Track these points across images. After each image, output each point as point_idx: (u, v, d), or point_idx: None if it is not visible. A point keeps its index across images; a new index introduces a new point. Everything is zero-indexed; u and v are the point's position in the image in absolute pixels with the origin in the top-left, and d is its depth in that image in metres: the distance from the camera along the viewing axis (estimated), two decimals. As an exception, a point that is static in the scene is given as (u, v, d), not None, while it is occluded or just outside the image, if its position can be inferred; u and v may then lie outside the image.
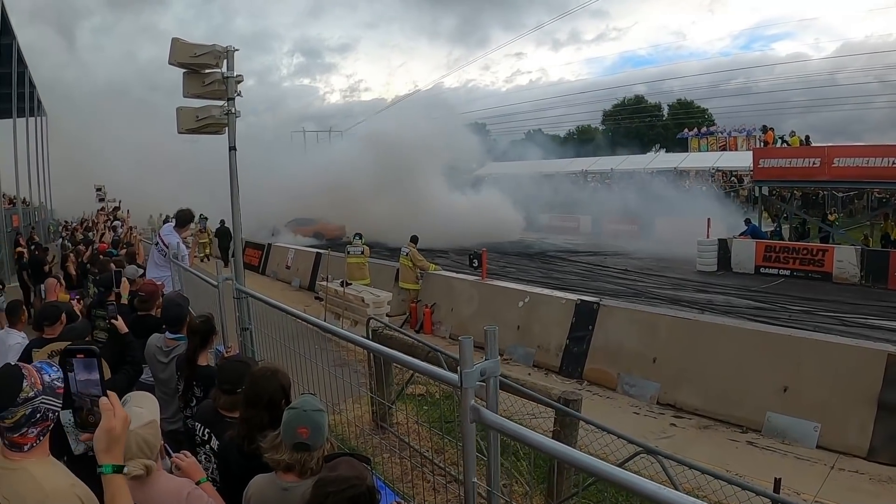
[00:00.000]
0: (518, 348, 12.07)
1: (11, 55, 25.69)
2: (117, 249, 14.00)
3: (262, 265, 26.00)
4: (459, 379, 2.33)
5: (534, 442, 2.06)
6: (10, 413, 2.10)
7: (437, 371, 2.81)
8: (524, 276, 21.34)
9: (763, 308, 15.93)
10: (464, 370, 2.32)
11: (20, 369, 2.19)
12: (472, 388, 2.31)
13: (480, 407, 2.33)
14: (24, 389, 2.13)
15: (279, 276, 23.96)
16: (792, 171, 23.56)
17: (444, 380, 2.61)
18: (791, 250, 21.56)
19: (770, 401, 8.36)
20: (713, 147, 47.43)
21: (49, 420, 2.20)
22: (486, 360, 2.44)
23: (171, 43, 6.68)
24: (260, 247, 27.31)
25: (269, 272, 25.17)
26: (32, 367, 2.24)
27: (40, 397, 2.16)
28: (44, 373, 2.22)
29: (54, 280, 8.44)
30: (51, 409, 2.20)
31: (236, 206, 7.44)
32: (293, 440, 2.67)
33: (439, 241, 27.35)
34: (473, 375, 2.32)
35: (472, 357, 2.35)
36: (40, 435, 2.18)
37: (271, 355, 5.89)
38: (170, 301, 5.74)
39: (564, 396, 5.55)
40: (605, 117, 73.16)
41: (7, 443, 2.15)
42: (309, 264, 21.63)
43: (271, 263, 25.44)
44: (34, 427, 2.15)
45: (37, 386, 2.16)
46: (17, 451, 2.15)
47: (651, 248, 28.34)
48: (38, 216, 37.50)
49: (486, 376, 2.41)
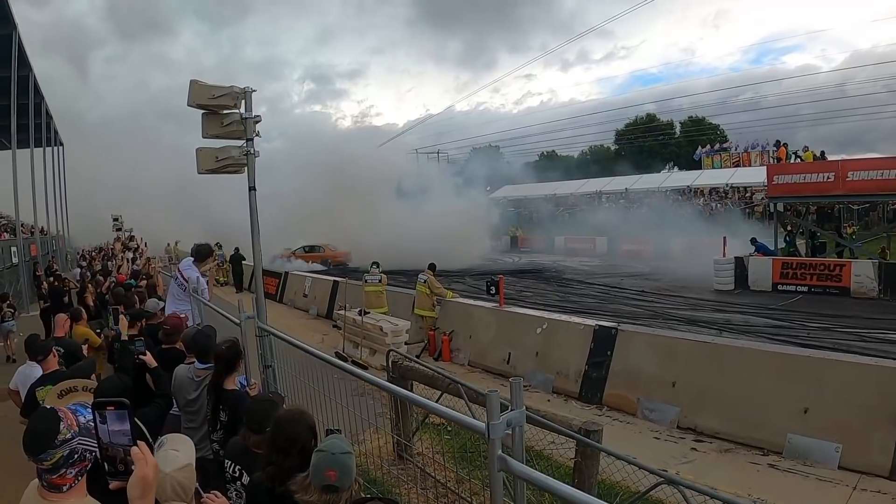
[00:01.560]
0: (537, 374, 12.08)
1: (28, 87, 26.21)
2: (136, 280, 14.15)
3: (280, 293, 26.02)
4: (486, 430, 2.39)
5: (559, 492, 2.10)
6: (49, 455, 2.18)
7: (465, 420, 2.87)
8: (541, 301, 21.31)
9: (781, 326, 15.87)
10: (491, 422, 2.39)
11: (56, 412, 2.28)
12: (498, 438, 2.38)
13: (507, 457, 2.38)
14: (62, 431, 2.22)
15: (296, 304, 23.97)
16: (806, 186, 23.52)
17: (472, 429, 2.66)
18: (808, 266, 21.52)
19: (791, 422, 8.32)
20: (726, 164, 47.29)
21: (86, 460, 2.29)
22: (511, 410, 2.49)
23: (189, 85, 6.83)
24: (277, 275, 27.40)
25: (286, 300, 25.17)
26: (68, 409, 2.34)
27: (77, 438, 2.25)
28: (79, 415, 2.33)
29: (64, 316, 8.50)
30: (88, 449, 2.29)
31: (257, 245, 7.57)
32: (322, 482, 2.73)
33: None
34: (501, 427, 2.39)
35: (499, 409, 2.42)
36: (78, 475, 2.27)
37: (294, 390, 5.98)
38: (199, 333, 5.85)
39: (585, 427, 5.58)
40: (618, 136, 73.22)
41: (46, 484, 2.24)
42: (326, 292, 21.65)
43: (288, 291, 25.46)
44: (72, 468, 2.24)
45: (73, 428, 2.26)
46: (56, 491, 2.23)
47: (667, 268, 28.36)
48: (56, 245, 37.98)
49: (513, 425, 2.47)
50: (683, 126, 67.99)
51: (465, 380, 11.87)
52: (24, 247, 26.20)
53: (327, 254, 37.75)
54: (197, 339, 5.58)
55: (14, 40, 21.86)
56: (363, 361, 14.00)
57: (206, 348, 5.30)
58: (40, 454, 2.18)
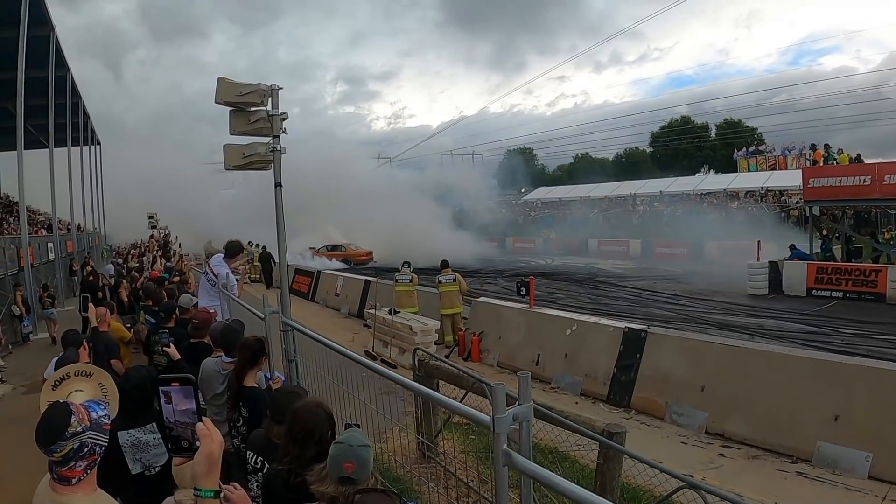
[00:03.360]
0: (566, 376, 12.05)
1: (66, 87, 26.72)
2: (169, 275, 14.40)
3: (312, 292, 26.27)
4: (492, 424, 2.36)
5: (564, 490, 2.08)
6: (59, 447, 2.26)
7: (471, 412, 2.84)
8: (573, 303, 21.27)
9: (815, 332, 15.66)
10: (496, 415, 2.35)
11: (69, 406, 2.36)
12: (504, 433, 2.34)
13: (512, 452, 2.35)
14: (73, 424, 2.29)
15: (328, 303, 24.13)
16: (842, 189, 23.02)
17: (478, 422, 2.62)
18: (843, 271, 21.09)
19: (820, 430, 8.20)
20: (762, 167, 46.74)
21: (96, 454, 2.36)
22: (519, 404, 2.46)
23: (217, 83, 6.89)
24: (309, 274, 27.75)
25: (318, 299, 25.38)
26: (81, 405, 2.41)
27: (87, 432, 2.32)
28: (91, 410, 2.40)
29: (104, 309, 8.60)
30: (98, 443, 2.36)
31: (282, 240, 7.64)
32: (338, 474, 2.73)
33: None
34: (506, 421, 2.35)
35: (505, 402, 2.39)
36: (87, 469, 2.34)
37: (318, 385, 6.04)
38: (227, 327, 5.93)
39: (608, 429, 5.55)
40: (653, 139, 72.73)
41: (56, 476, 2.31)
42: (358, 292, 21.75)
43: (320, 290, 25.66)
44: (82, 461, 2.31)
45: (84, 422, 2.33)
46: (66, 484, 2.31)
47: (701, 272, 28.09)
48: (93, 241, 38.69)
49: (519, 420, 2.43)
50: (719, 128, 67.34)
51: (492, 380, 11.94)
52: (60, 243, 26.69)
53: (349, 252, 39.80)
54: (225, 333, 5.66)
55: (52, 41, 22.25)
56: (392, 360, 14.08)
57: (233, 342, 5.37)
58: (50, 445, 2.26)
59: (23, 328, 16.86)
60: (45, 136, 24.91)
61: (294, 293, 27.47)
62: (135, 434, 4.18)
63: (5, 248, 18.64)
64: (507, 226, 53.94)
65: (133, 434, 4.18)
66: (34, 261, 20.47)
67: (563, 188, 61.77)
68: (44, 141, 25.30)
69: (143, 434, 4.18)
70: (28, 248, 19.29)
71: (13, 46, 18.11)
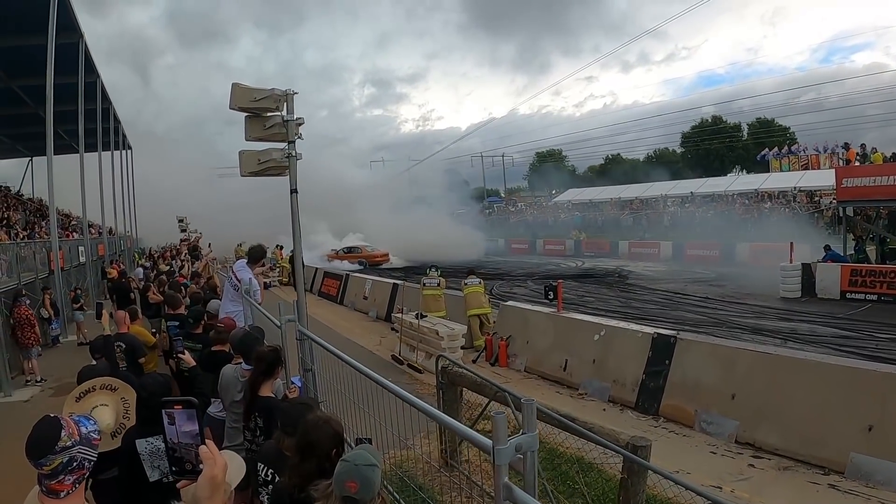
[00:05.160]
0: (593, 382, 11.94)
1: (96, 92, 27.14)
2: (191, 281, 14.53)
3: (341, 295, 26.41)
4: (492, 455, 2.27)
5: None
6: (49, 460, 2.27)
7: (472, 436, 2.70)
8: (602, 307, 21.06)
9: (849, 337, 15.35)
10: (497, 446, 2.25)
11: (59, 420, 2.37)
12: (504, 465, 2.26)
13: (513, 486, 2.26)
14: (63, 438, 2.31)
15: (356, 306, 24.20)
16: (877, 189, 22.60)
17: (478, 446, 2.51)
18: (878, 274, 20.63)
19: (854, 440, 8.00)
20: (795, 167, 46.08)
21: (84, 469, 2.38)
22: (522, 433, 2.37)
23: (231, 88, 6.87)
24: (338, 277, 27.92)
25: (346, 302, 25.47)
26: (71, 419, 2.42)
27: (77, 447, 2.34)
28: (81, 425, 2.41)
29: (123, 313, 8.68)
30: (87, 458, 2.38)
31: (298, 247, 7.68)
32: (342, 493, 2.71)
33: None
34: (507, 452, 2.26)
35: (507, 434, 2.30)
36: (76, 483, 2.35)
37: (336, 393, 6.00)
38: (246, 334, 5.93)
39: (633, 443, 5.43)
40: (685, 139, 72.14)
41: (45, 489, 2.32)
42: (386, 295, 21.81)
43: (349, 294, 25.77)
44: (70, 475, 2.32)
45: (74, 436, 2.34)
46: (54, 497, 2.32)
47: (733, 274, 27.78)
48: (124, 245, 39.24)
49: (523, 451, 2.33)
50: (751, 128, 66.59)
51: (520, 387, 11.89)
52: (91, 246, 27.06)
53: (364, 254, 42.00)
54: (244, 340, 5.66)
55: (80, 48, 22.53)
56: (419, 365, 14.05)
57: (252, 349, 5.36)
58: (40, 459, 2.27)
59: (51, 331, 17.06)
60: (77, 142, 25.30)
61: (323, 296, 27.70)
62: (153, 442, 4.22)
63: (36, 251, 18.88)
64: (538, 227, 53.94)
65: (151, 442, 4.22)
66: (65, 264, 20.74)
67: (593, 189, 61.55)
68: (75, 146, 25.67)
69: (160, 442, 4.18)
70: (58, 251, 19.53)
71: (43, 53, 18.37)
